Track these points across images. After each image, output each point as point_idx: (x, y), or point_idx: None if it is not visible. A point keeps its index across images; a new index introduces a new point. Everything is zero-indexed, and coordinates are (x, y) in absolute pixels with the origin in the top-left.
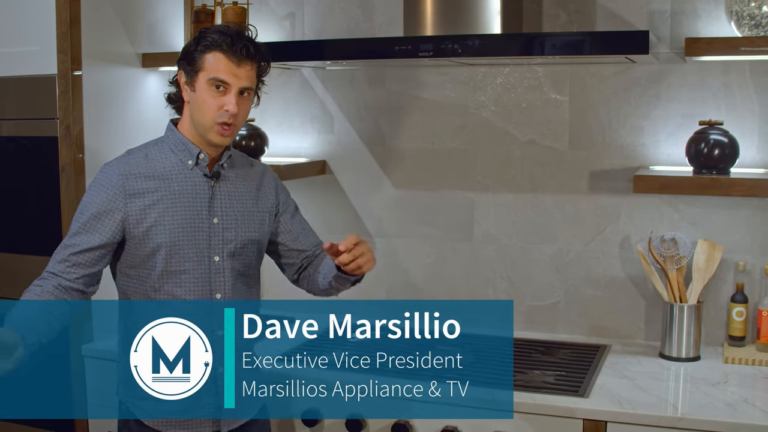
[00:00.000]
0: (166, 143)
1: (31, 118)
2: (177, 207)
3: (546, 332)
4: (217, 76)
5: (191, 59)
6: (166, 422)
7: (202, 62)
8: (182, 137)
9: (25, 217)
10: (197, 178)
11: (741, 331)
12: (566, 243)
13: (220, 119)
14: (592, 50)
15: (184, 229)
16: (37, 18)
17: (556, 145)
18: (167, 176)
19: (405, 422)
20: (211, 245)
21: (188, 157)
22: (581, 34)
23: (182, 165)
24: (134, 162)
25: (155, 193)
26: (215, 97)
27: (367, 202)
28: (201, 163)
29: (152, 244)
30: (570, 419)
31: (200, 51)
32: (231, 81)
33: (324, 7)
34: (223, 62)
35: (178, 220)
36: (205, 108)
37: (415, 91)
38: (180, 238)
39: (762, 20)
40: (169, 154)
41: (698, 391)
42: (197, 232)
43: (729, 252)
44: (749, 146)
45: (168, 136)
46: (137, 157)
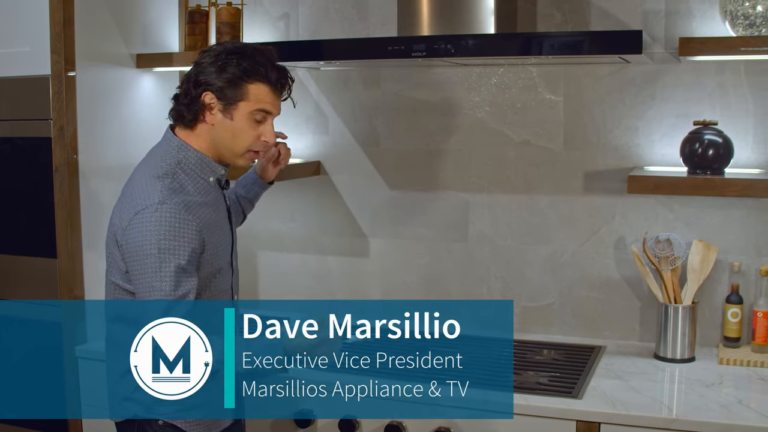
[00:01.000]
0: (188, 164)
1: (25, 119)
2: (220, 227)
3: (540, 333)
4: (263, 107)
5: (235, 86)
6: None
7: (245, 92)
8: (204, 157)
9: (19, 219)
10: (217, 191)
11: (736, 332)
12: (561, 244)
13: (254, 148)
14: (585, 50)
15: (224, 244)
16: (31, 19)
17: (551, 145)
18: (203, 200)
19: (398, 423)
20: (234, 253)
21: (210, 174)
22: (574, 34)
23: (206, 183)
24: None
25: (206, 219)
26: (254, 127)
27: (362, 202)
28: (221, 178)
29: (213, 268)
30: (563, 420)
31: (246, 80)
32: (274, 111)
33: (318, 7)
34: (269, 95)
35: (223, 239)
36: (243, 137)
37: (410, 92)
38: (226, 254)
39: (756, 20)
40: (194, 176)
41: (692, 393)
42: (228, 243)
43: (724, 253)
44: (744, 146)
45: (187, 156)
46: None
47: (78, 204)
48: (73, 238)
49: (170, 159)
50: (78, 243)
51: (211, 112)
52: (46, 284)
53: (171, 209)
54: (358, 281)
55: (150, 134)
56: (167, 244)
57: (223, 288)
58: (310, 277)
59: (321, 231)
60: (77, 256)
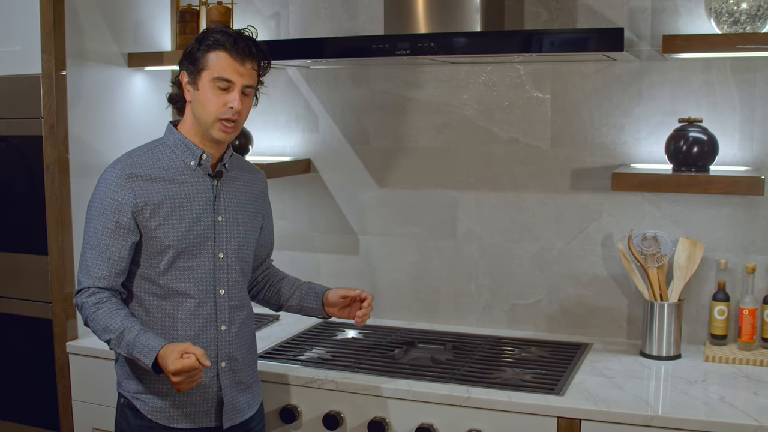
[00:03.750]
0: (167, 144)
1: (17, 117)
2: (183, 207)
3: (528, 330)
4: (221, 75)
5: (194, 59)
6: (169, 416)
7: (205, 61)
8: (183, 138)
9: (12, 216)
10: (200, 178)
11: (723, 329)
12: (548, 241)
13: (222, 116)
14: (567, 47)
15: (191, 228)
16: (22, 18)
17: (538, 143)
18: (171, 178)
19: (381, 419)
20: (216, 242)
21: (190, 157)
22: (556, 32)
23: (185, 166)
24: (138, 163)
25: (161, 194)
26: (218, 95)
27: (352, 200)
28: (204, 164)
29: (161, 245)
30: (544, 417)
31: (203, 50)
32: (235, 79)
33: (308, 7)
34: (226, 61)
35: (186, 220)
36: (208, 105)
37: (399, 90)
38: (187, 237)
39: (740, 17)
40: (171, 155)
41: (676, 390)
42: (204, 231)
43: (711, 250)
44: (731, 144)
45: (168, 137)
46: (140, 159)
47: (69, 201)
48: (64, 236)
49: (156, 140)
50: (69, 240)
51: (186, 89)
52: (38, 281)
53: (113, 172)
54: (347, 279)
55: (141, 132)
56: (98, 203)
57: (198, 274)
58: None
59: (311, 228)
60: (68, 254)
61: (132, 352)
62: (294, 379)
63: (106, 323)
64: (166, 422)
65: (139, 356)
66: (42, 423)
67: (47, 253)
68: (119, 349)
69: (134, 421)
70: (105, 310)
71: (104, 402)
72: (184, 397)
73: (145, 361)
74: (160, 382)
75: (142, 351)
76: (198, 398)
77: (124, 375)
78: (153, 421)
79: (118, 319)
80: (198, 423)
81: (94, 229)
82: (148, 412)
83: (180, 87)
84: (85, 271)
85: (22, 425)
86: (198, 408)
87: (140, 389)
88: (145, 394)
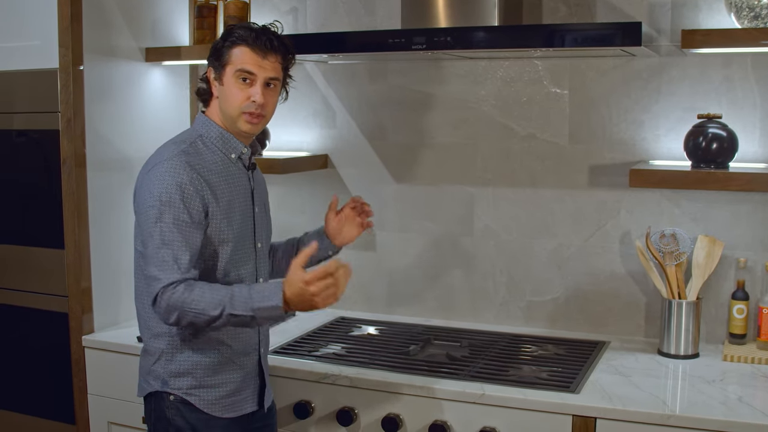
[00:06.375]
0: (209, 138)
1: (35, 111)
2: (235, 200)
3: (545, 328)
4: (243, 67)
5: (219, 54)
6: (223, 407)
7: (228, 56)
8: (223, 131)
9: (30, 210)
10: (240, 170)
11: (742, 328)
12: (566, 238)
13: (246, 109)
14: (584, 42)
15: (243, 221)
16: (40, 13)
17: (556, 139)
18: (221, 170)
19: (395, 415)
20: (256, 233)
21: (231, 150)
22: (573, 26)
23: (227, 159)
24: (193, 159)
25: (218, 187)
26: (242, 88)
27: (369, 196)
28: (243, 157)
29: (221, 237)
30: (559, 415)
31: (228, 46)
32: (257, 72)
33: (326, 2)
34: (248, 54)
35: (238, 212)
36: (232, 99)
37: (416, 86)
38: (241, 229)
39: (761, 11)
40: (213, 148)
41: (693, 389)
42: (249, 223)
43: (730, 248)
44: (751, 140)
45: (205, 129)
46: (192, 153)
47: (86, 196)
48: (81, 230)
49: (193, 132)
50: (85, 234)
51: (213, 85)
52: (54, 275)
53: (176, 165)
54: (363, 274)
55: (158, 127)
56: (167, 197)
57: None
58: None
59: None
60: (84, 248)
61: (252, 304)
62: (308, 375)
63: (210, 297)
64: (220, 413)
65: (262, 303)
66: (58, 416)
67: (64, 247)
68: (236, 311)
69: (191, 415)
70: (200, 289)
71: (120, 396)
72: (234, 385)
73: (271, 304)
74: (212, 376)
75: (263, 297)
76: (246, 385)
77: (171, 373)
78: (209, 414)
79: (218, 289)
80: (245, 410)
81: (166, 224)
82: (204, 405)
83: (208, 83)
84: (165, 267)
85: (38, 418)
86: (245, 395)
87: (193, 384)
88: (198, 389)
